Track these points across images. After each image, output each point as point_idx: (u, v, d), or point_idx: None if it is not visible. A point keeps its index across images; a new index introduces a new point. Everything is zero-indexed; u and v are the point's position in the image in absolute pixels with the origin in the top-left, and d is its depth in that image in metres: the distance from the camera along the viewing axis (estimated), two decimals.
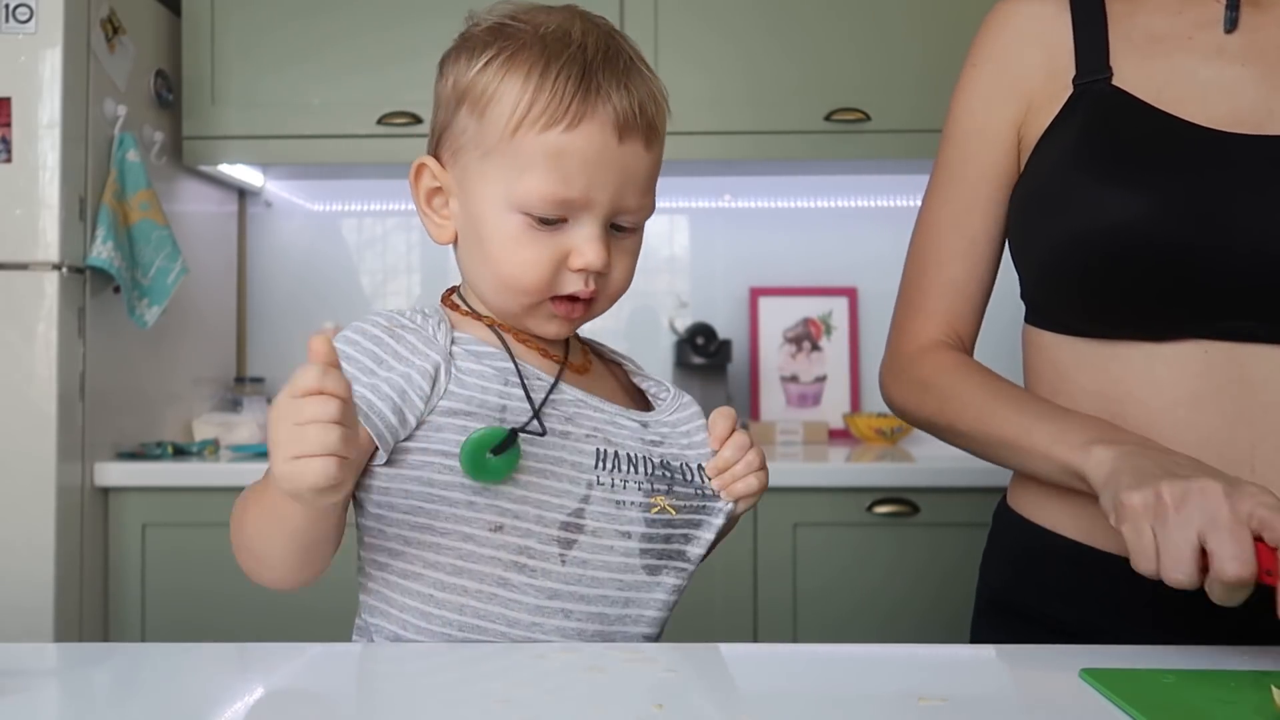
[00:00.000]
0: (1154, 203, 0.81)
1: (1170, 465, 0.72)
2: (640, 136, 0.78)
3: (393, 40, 2.07)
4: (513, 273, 0.79)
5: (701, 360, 2.15)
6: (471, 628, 0.76)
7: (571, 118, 0.75)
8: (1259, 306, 0.80)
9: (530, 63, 0.76)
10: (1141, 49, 0.88)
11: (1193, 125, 0.83)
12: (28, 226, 1.71)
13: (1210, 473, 0.70)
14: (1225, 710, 0.60)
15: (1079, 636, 0.83)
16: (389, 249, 2.46)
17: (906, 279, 0.99)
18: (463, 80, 0.79)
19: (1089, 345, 0.87)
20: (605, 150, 0.76)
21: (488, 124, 0.78)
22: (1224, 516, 0.66)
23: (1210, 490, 0.68)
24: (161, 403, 2.05)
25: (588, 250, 0.78)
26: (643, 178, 0.80)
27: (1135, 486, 0.70)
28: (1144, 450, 0.75)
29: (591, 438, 0.81)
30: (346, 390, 0.65)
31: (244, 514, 0.76)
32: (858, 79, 2.05)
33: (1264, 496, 0.67)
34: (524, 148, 0.76)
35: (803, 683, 0.69)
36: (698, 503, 0.82)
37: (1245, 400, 0.80)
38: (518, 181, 0.77)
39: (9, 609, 1.68)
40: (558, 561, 0.77)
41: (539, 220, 0.77)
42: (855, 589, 1.82)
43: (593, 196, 0.77)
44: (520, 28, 0.79)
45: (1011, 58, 0.93)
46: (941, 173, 0.98)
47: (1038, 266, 0.90)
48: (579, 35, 0.78)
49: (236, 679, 0.69)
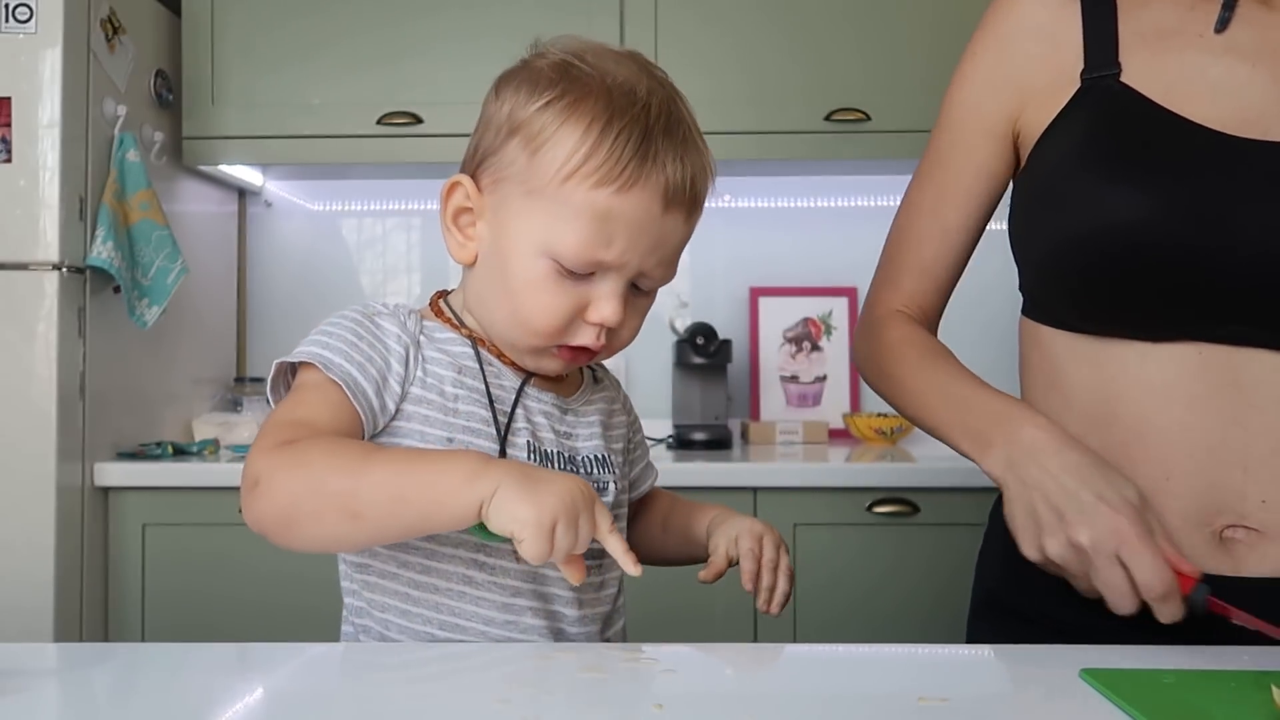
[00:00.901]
0: (1159, 205, 0.81)
1: (1049, 489, 0.78)
2: (684, 209, 0.78)
3: (393, 40, 2.07)
4: (530, 315, 0.79)
5: (701, 360, 2.15)
6: (451, 626, 0.79)
7: (625, 180, 0.75)
8: (1257, 312, 0.80)
9: (594, 114, 0.75)
10: (1151, 44, 0.87)
11: (1201, 128, 0.83)
12: (28, 226, 1.71)
13: (1081, 506, 0.77)
14: (1225, 710, 0.60)
15: (1073, 635, 0.83)
16: (389, 249, 2.46)
17: (885, 252, 1.03)
18: (520, 113, 0.78)
19: (1085, 342, 0.87)
20: (649, 218, 0.76)
21: (538, 164, 0.76)
22: (1098, 566, 0.75)
23: (1079, 547, 0.76)
24: (161, 403, 2.05)
25: (606, 307, 0.78)
26: (675, 247, 0.80)
27: (1049, 533, 0.78)
28: (1028, 456, 0.80)
29: (522, 430, 0.82)
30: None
31: (362, 474, 0.69)
32: (858, 79, 2.05)
33: (1128, 509, 0.75)
34: (571, 198, 0.75)
35: (803, 683, 0.69)
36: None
37: (1238, 402, 0.81)
38: (557, 229, 0.76)
39: (9, 609, 1.68)
40: (512, 559, 0.79)
41: (567, 270, 0.77)
42: (855, 589, 1.82)
43: (626, 259, 0.77)
44: (588, 73, 0.77)
45: (1012, 49, 0.93)
46: (929, 157, 1.00)
47: (1038, 262, 0.90)
48: (644, 94, 0.77)
49: (236, 679, 0.69)
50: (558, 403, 0.86)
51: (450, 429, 0.79)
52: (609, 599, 0.87)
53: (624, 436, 0.93)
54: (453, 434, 0.79)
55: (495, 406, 0.81)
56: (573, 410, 0.87)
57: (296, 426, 0.73)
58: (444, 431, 0.79)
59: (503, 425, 0.81)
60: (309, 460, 0.70)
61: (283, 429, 0.73)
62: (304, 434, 0.72)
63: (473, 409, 0.80)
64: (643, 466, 0.99)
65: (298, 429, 0.72)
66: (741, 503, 1.81)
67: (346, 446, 0.71)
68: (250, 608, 1.82)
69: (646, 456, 1.00)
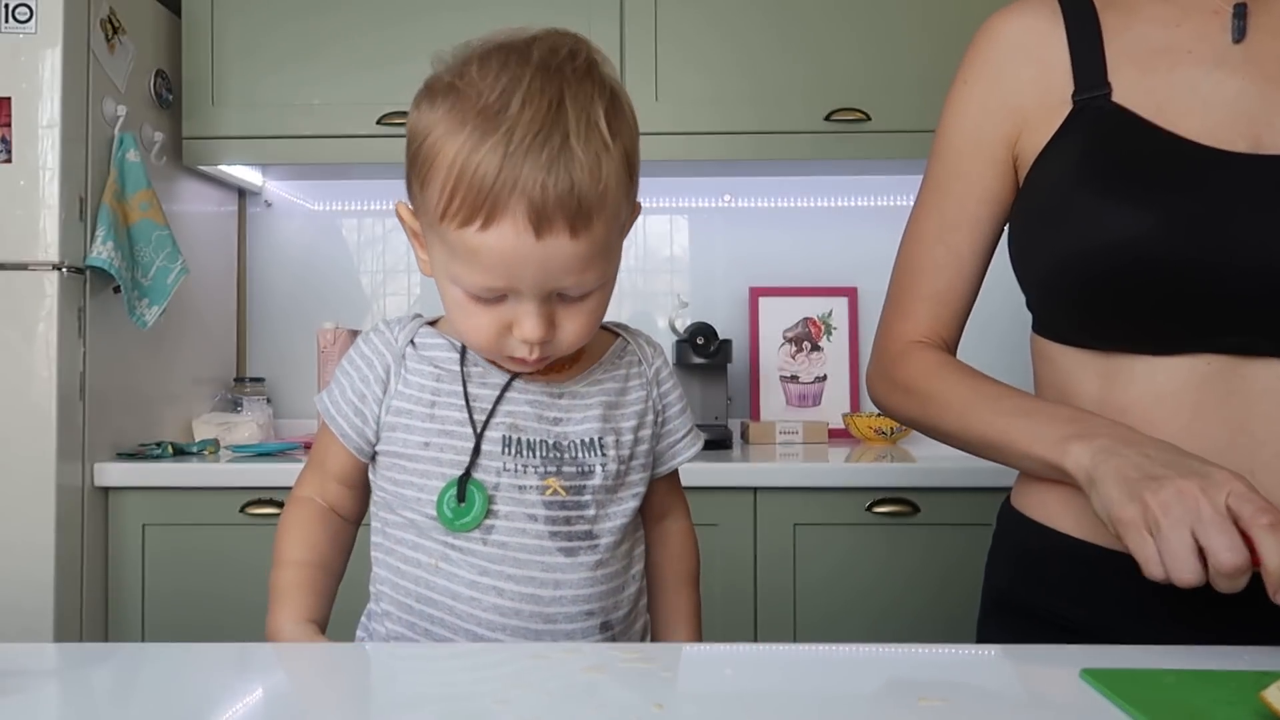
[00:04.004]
0: (1157, 220, 0.81)
1: (1145, 464, 0.74)
2: (564, 227, 0.74)
3: (393, 40, 2.07)
4: (464, 333, 0.84)
5: (702, 360, 2.15)
6: (426, 599, 0.85)
7: (485, 216, 0.74)
8: (1260, 322, 0.80)
9: (458, 145, 0.75)
10: (1140, 62, 0.88)
11: (1195, 144, 0.83)
12: (28, 226, 1.71)
13: (1183, 467, 0.73)
14: (1225, 710, 0.60)
15: (1087, 635, 0.83)
16: (389, 249, 2.46)
17: (894, 285, 1.01)
18: (414, 141, 0.79)
19: (1091, 357, 0.88)
20: (520, 248, 0.74)
21: (425, 200, 0.78)
22: (1207, 513, 0.70)
23: (1187, 491, 0.71)
24: (161, 403, 2.05)
25: (526, 325, 0.79)
26: (573, 263, 0.76)
27: (1123, 500, 0.73)
28: (1118, 445, 0.77)
29: (499, 425, 0.85)
30: None
31: (275, 565, 0.90)
32: (858, 79, 2.05)
33: (1233, 484, 0.71)
34: (448, 236, 0.77)
35: (803, 683, 0.69)
36: (579, 481, 0.85)
37: (1245, 411, 0.81)
38: (452, 263, 0.79)
39: (9, 609, 1.68)
40: (480, 542, 0.84)
41: (477, 297, 0.79)
42: (855, 589, 1.82)
43: (517, 285, 0.77)
44: (465, 95, 0.76)
45: (1004, 74, 0.93)
46: (930, 185, 0.99)
47: (1040, 280, 0.91)
48: (516, 108, 0.74)
49: (236, 679, 0.69)
50: (548, 389, 0.87)
51: (427, 434, 0.85)
52: (604, 595, 0.86)
53: (639, 413, 0.91)
54: (429, 438, 0.85)
55: (472, 405, 0.85)
56: (569, 393, 0.88)
57: (316, 470, 0.92)
58: (422, 437, 0.86)
59: (479, 424, 0.85)
60: (281, 535, 0.91)
61: (308, 473, 0.93)
62: (315, 484, 0.92)
63: (448, 413, 0.86)
64: (670, 442, 0.95)
65: (315, 475, 0.92)
66: (742, 503, 1.81)
67: (281, 543, 0.90)
68: (250, 608, 1.81)
69: (682, 430, 0.96)
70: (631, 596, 0.89)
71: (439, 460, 0.85)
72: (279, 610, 0.87)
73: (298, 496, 0.92)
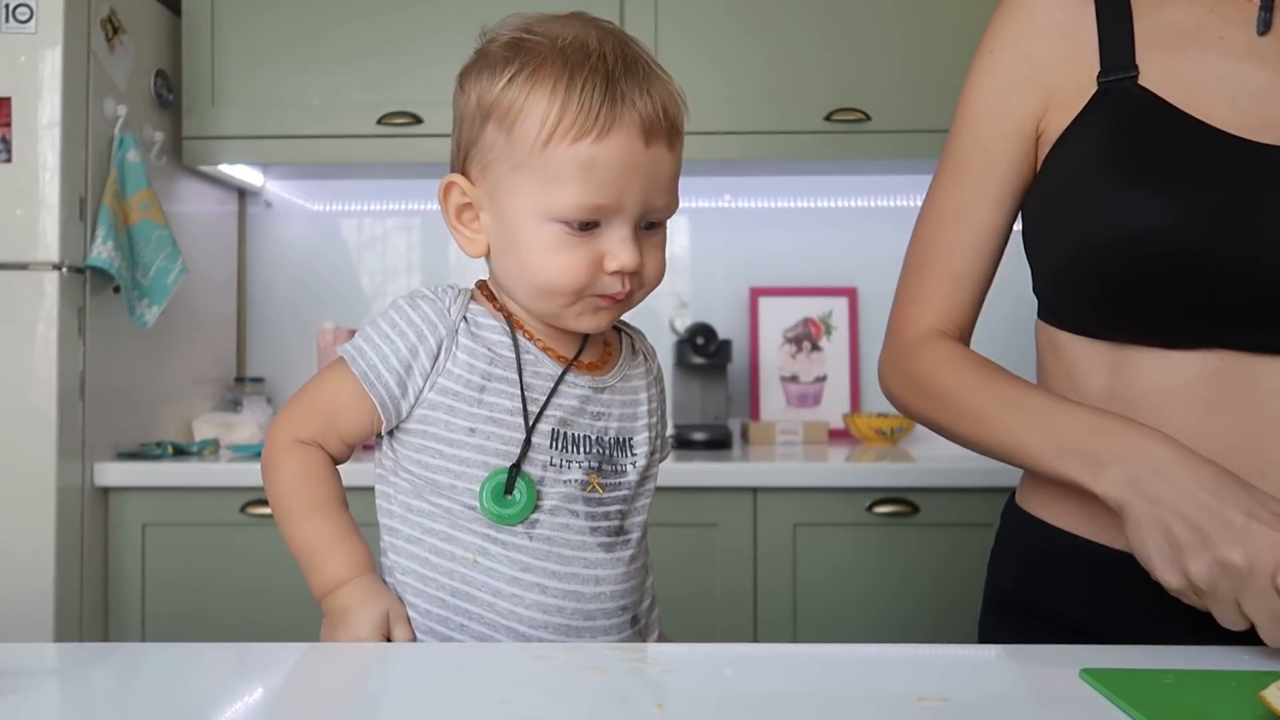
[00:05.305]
0: (1183, 212, 0.79)
1: (1184, 509, 0.73)
2: (664, 139, 0.80)
3: (393, 40, 2.07)
4: (550, 278, 0.81)
5: (701, 360, 2.15)
6: (463, 594, 0.82)
7: (601, 128, 0.78)
8: (1277, 320, 0.79)
9: (555, 76, 0.78)
10: (1169, 45, 0.85)
11: (1223, 134, 0.81)
12: (28, 226, 1.71)
13: (1220, 520, 0.71)
14: (1225, 711, 0.60)
15: (1092, 635, 0.82)
16: (389, 249, 2.46)
17: (908, 267, 0.98)
18: (487, 97, 0.81)
19: (1102, 347, 0.86)
20: (633, 156, 0.78)
21: (516, 139, 0.79)
22: (1254, 590, 0.70)
23: (1230, 565, 0.70)
24: (161, 403, 2.05)
25: (621, 253, 0.80)
26: (668, 177, 0.82)
27: (1164, 566, 0.73)
28: (1150, 475, 0.75)
29: (550, 417, 0.84)
30: None
31: (287, 525, 0.86)
32: (858, 79, 2.05)
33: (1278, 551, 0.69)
34: (555, 160, 0.78)
35: (803, 683, 0.69)
36: (615, 479, 0.86)
37: (1255, 407, 0.80)
38: (551, 192, 0.79)
39: (9, 609, 1.68)
40: (525, 537, 0.82)
41: (574, 227, 0.79)
42: (855, 589, 1.82)
43: (624, 201, 0.79)
44: (538, 41, 0.80)
45: (1033, 46, 0.90)
46: (950, 160, 0.95)
47: (1058, 268, 0.88)
48: (596, 45, 0.79)
49: (236, 679, 0.69)
50: (593, 383, 0.87)
51: (474, 419, 0.82)
52: (634, 590, 0.86)
53: (651, 411, 0.92)
54: (476, 424, 0.82)
55: (526, 394, 0.83)
56: (609, 388, 0.88)
57: (318, 420, 0.85)
58: (467, 421, 0.82)
59: (532, 414, 0.83)
60: (276, 485, 0.85)
61: (301, 417, 0.86)
62: (315, 432, 0.85)
63: (499, 399, 0.83)
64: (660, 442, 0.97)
65: (316, 424, 0.85)
66: (742, 503, 1.81)
67: (298, 493, 0.85)
68: (250, 608, 1.82)
69: (668, 431, 1.00)
70: (650, 586, 0.90)
71: (483, 449, 0.82)
72: (329, 561, 0.82)
73: (296, 441, 0.85)
